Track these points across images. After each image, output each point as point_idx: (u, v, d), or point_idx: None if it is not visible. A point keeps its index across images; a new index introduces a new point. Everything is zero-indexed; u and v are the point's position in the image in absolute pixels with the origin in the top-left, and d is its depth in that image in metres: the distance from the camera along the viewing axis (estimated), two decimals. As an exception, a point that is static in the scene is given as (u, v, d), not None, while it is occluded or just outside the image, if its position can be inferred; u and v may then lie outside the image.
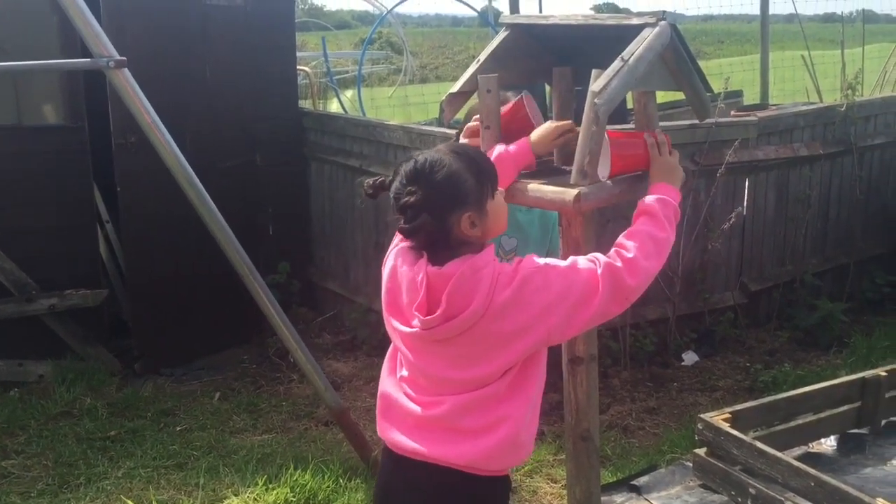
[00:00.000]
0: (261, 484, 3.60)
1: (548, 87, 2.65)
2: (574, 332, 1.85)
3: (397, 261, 1.88)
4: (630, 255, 1.82)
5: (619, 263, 1.80)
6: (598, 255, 1.84)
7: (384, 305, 1.91)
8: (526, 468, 3.76)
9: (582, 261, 1.82)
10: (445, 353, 1.81)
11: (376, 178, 1.91)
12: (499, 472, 1.89)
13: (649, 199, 1.95)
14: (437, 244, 1.79)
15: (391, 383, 1.95)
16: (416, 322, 1.80)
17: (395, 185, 1.82)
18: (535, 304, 1.75)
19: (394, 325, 1.88)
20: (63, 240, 4.83)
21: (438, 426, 1.84)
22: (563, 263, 1.81)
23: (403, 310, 1.85)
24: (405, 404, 1.89)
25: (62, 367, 4.67)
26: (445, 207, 1.76)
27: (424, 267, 1.79)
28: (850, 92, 5.39)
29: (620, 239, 1.87)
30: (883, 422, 3.88)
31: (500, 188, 1.89)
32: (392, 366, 1.97)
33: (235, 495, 3.56)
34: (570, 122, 2.20)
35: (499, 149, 2.14)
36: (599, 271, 1.79)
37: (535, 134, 2.19)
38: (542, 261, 1.80)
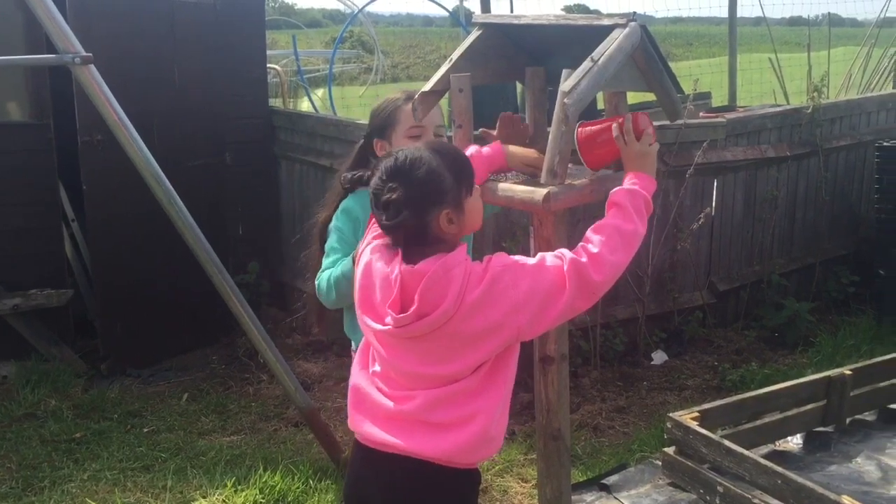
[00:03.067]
0: (229, 486, 3.57)
1: (520, 87, 2.65)
2: (544, 329, 1.86)
3: (371, 258, 1.88)
4: (595, 249, 1.82)
5: (584, 259, 1.81)
6: (565, 250, 1.84)
7: (357, 303, 1.92)
8: (496, 468, 3.76)
9: (549, 257, 1.83)
10: (417, 350, 1.82)
11: (355, 172, 1.92)
12: (469, 466, 1.91)
13: (618, 190, 1.95)
14: (416, 241, 1.80)
15: (363, 377, 1.96)
16: (388, 320, 1.81)
17: (375, 181, 1.83)
18: (504, 303, 1.77)
19: (367, 323, 1.88)
20: (28, 239, 4.75)
21: (410, 420, 1.86)
22: (531, 261, 1.82)
23: (377, 307, 1.86)
24: (377, 398, 1.90)
25: (26, 368, 4.60)
26: (425, 204, 1.78)
27: (398, 265, 1.80)
28: (816, 94, 5.46)
29: (588, 232, 1.88)
30: (848, 420, 3.93)
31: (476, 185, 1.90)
32: (364, 360, 1.98)
33: (203, 497, 3.53)
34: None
35: (472, 149, 2.14)
36: (565, 268, 1.80)
37: (514, 148, 2.20)
38: (511, 259, 1.82)
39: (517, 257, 1.83)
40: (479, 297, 1.76)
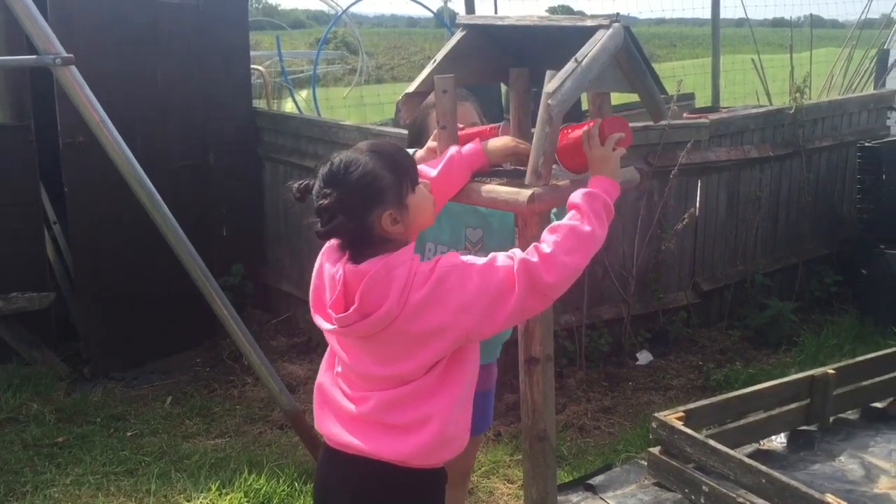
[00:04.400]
0: (214, 489, 3.55)
1: (504, 88, 2.65)
2: (495, 330, 1.82)
3: (323, 259, 1.89)
4: (548, 250, 1.78)
5: (535, 259, 1.77)
6: (517, 250, 1.82)
7: (311, 303, 1.92)
8: (482, 469, 3.76)
9: (501, 257, 1.80)
10: (369, 350, 1.84)
11: (301, 181, 1.91)
12: (432, 466, 1.91)
13: (578, 192, 1.91)
14: (360, 243, 1.80)
15: (328, 378, 1.98)
16: (334, 319, 1.82)
17: (315, 188, 1.84)
18: (450, 304, 1.76)
19: (318, 323, 1.89)
20: (9, 242, 4.71)
21: (368, 421, 1.87)
22: (480, 261, 1.80)
23: (326, 308, 1.87)
24: (339, 400, 1.92)
25: (8, 372, 4.56)
26: (363, 207, 1.77)
27: (343, 265, 1.81)
28: (798, 95, 5.50)
29: (544, 233, 1.85)
30: (831, 419, 3.96)
31: (423, 180, 1.90)
32: (330, 361, 1.99)
33: (188, 501, 3.51)
34: (527, 146, 2.17)
35: (452, 150, 2.12)
36: (515, 268, 1.77)
37: (492, 143, 2.18)
38: (460, 259, 1.80)
39: (468, 257, 1.81)
40: (424, 298, 1.75)
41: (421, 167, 2.05)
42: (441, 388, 1.84)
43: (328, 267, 1.86)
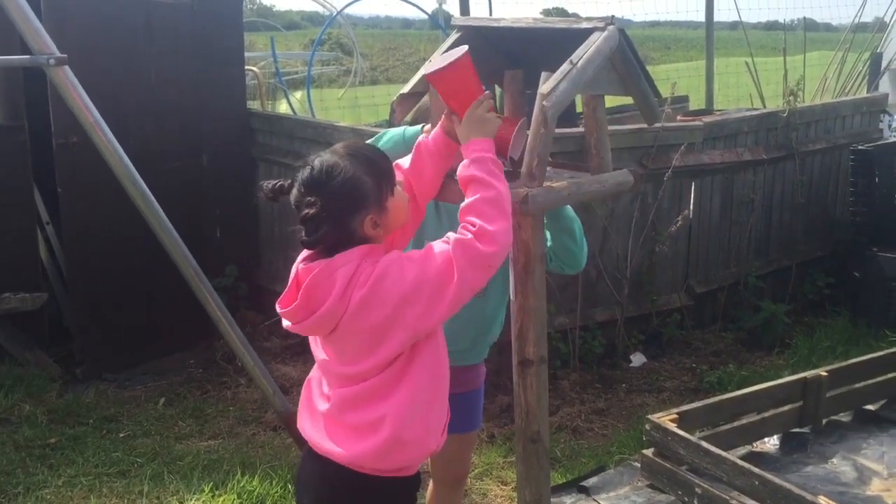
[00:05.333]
0: (207, 491, 3.54)
1: (499, 89, 2.64)
2: (443, 313, 1.81)
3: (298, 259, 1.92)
4: (477, 224, 1.77)
5: (469, 236, 1.77)
6: (451, 233, 1.81)
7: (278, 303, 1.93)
8: (476, 471, 3.76)
9: (437, 244, 1.80)
10: (333, 347, 1.86)
11: (275, 182, 1.88)
12: (395, 473, 1.89)
13: (465, 165, 1.86)
14: (340, 246, 1.80)
15: (314, 377, 2.00)
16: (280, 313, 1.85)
17: (294, 193, 1.82)
18: (391, 298, 1.76)
19: (284, 322, 1.88)
20: (2, 242, 4.69)
21: (330, 421, 1.89)
22: (419, 253, 1.81)
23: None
24: (314, 397, 1.96)
25: (0, 373, 4.54)
26: (347, 214, 1.78)
27: (300, 261, 1.84)
28: (791, 98, 5.51)
29: (460, 216, 1.83)
30: (824, 421, 3.97)
31: (399, 180, 1.90)
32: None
33: (180, 503, 3.50)
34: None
35: (420, 138, 2.06)
36: (450, 249, 1.77)
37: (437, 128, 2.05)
38: (398, 254, 1.82)
39: (408, 251, 1.83)
40: (365, 296, 1.76)
41: (397, 161, 2.03)
42: (397, 387, 1.83)
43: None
